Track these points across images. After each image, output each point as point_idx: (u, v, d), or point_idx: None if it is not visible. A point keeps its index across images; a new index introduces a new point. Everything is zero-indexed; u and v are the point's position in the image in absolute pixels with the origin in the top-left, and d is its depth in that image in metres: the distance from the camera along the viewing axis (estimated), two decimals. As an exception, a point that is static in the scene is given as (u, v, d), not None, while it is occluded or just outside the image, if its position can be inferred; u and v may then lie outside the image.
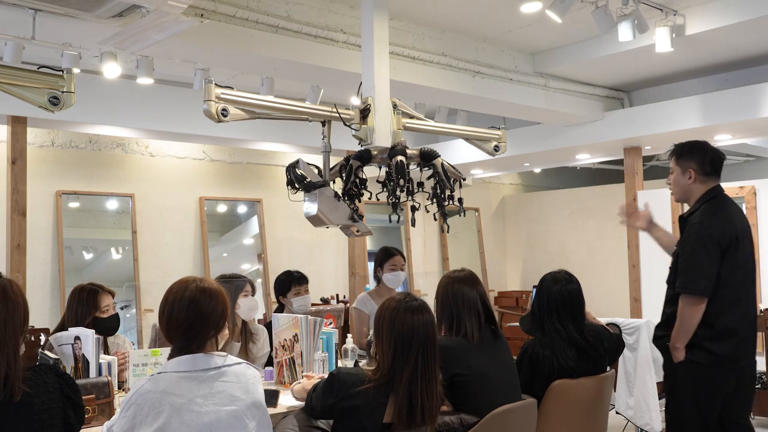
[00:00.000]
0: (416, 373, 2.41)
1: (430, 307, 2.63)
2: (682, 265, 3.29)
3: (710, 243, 3.25)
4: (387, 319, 2.49)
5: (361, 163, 3.78)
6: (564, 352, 3.22)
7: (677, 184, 3.47)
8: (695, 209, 3.39)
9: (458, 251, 9.76)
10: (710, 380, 3.33)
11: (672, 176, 3.49)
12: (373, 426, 2.38)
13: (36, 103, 3.24)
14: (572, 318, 3.30)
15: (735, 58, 6.01)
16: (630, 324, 5.25)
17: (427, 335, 2.47)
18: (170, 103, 6.33)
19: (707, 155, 3.42)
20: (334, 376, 2.44)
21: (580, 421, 3.30)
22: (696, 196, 3.41)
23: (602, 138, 6.93)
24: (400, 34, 5.18)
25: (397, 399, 2.38)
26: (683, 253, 3.30)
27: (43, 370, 2.08)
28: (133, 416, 2.09)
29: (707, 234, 3.27)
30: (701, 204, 3.39)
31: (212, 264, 7.44)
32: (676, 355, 3.30)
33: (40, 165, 6.48)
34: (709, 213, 3.33)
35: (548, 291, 3.35)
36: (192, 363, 2.18)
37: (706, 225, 3.29)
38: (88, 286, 3.69)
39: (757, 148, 8.08)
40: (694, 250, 3.27)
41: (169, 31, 4.10)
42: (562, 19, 4.53)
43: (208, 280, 2.31)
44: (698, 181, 3.40)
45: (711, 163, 3.40)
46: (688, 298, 3.24)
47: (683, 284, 3.26)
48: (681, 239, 3.40)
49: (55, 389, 2.06)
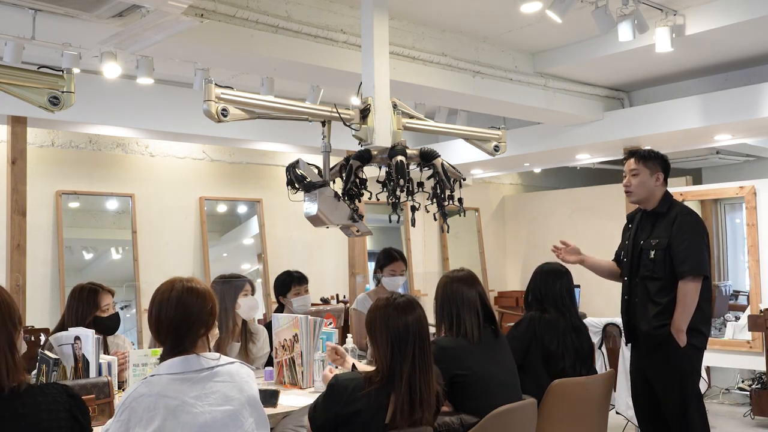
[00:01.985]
0: (414, 367, 2.43)
1: (425, 306, 2.65)
2: (685, 252, 3.53)
3: (703, 232, 3.63)
4: (380, 320, 2.51)
5: (361, 163, 3.78)
6: (564, 333, 3.35)
7: (644, 186, 3.74)
8: (666, 206, 3.71)
9: (458, 251, 9.75)
10: (699, 363, 3.64)
11: (636, 178, 3.75)
12: (377, 428, 2.38)
13: (36, 103, 3.24)
14: (573, 304, 3.55)
15: (735, 58, 6.01)
16: (630, 324, 5.25)
17: (420, 329, 2.50)
18: (170, 103, 6.33)
19: (668, 163, 3.82)
20: (334, 385, 2.44)
21: (580, 421, 3.31)
22: (658, 197, 3.75)
23: (602, 138, 6.93)
24: (400, 34, 5.18)
25: (399, 396, 2.39)
26: (684, 241, 3.55)
27: (57, 389, 2.01)
28: (128, 420, 2.08)
29: (700, 223, 3.67)
30: (670, 202, 3.75)
31: (212, 264, 7.44)
32: (681, 338, 3.48)
33: (40, 165, 6.48)
34: (688, 209, 3.73)
35: (552, 282, 3.50)
36: (184, 364, 2.18)
37: (695, 216, 3.70)
38: (88, 285, 3.70)
39: (757, 148, 8.07)
40: (693, 238, 3.57)
41: (169, 31, 4.09)
42: (562, 19, 4.53)
43: (195, 279, 2.31)
44: (662, 184, 3.76)
45: (668, 170, 3.82)
46: (695, 281, 3.50)
47: (692, 267, 3.50)
48: (674, 231, 3.61)
49: (65, 410, 1.98)
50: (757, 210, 6.33)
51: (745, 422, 5.97)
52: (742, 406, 6.49)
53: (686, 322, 3.49)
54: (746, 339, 6.28)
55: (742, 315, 6.60)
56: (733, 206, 8.00)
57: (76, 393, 2.06)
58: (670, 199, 3.77)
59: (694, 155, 8.62)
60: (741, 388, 6.77)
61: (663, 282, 3.59)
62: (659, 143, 7.10)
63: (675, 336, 3.48)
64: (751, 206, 6.35)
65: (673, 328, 3.50)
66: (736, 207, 7.76)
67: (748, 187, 6.39)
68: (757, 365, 6.19)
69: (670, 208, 3.70)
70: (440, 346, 2.95)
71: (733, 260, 8.17)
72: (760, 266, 6.25)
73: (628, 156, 3.90)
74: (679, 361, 3.52)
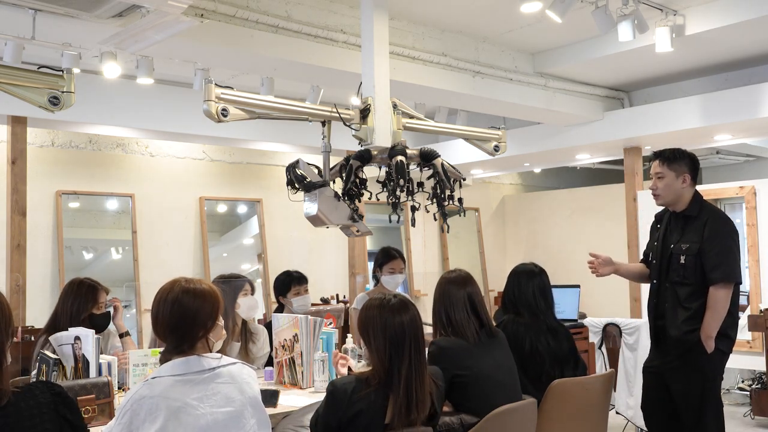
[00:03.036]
0: (411, 369, 2.42)
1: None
2: (717, 258, 3.45)
3: (736, 237, 3.53)
4: (375, 322, 2.49)
5: (361, 163, 3.78)
6: (538, 331, 3.30)
7: (670, 188, 3.62)
8: (697, 208, 3.58)
9: (458, 251, 9.75)
10: (723, 367, 3.55)
11: (662, 181, 3.62)
12: (376, 428, 2.38)
13: (36, 103, 3.24)
14: (547, 306, 3.45)
15: (735, 58, 6.01)
16: (630, 324, 5.26)
17: (415, 330, 2.49)
18: (170, 103, 6.32)
19: (695, 161, 3.67)
20: (333, 391, 2.43)
21: (580, 421, 3.31)
22: (687, 199, 3.62)
23: (602, 138, 6.93)
24: (400, 34, 5.18)
25: (397, 398, 2.39)
26: (715, 247, 3.47)
27: (38, 388, 1.91)
28: (129, 422, 2.08)
29: (731, 227, 3.54)
30: (700, 204, 3.61)
31: (212, 264, 7.43)
32: (710, 344, 3.42)
33: (40, 165, 6.48)
34: (719, 212, 3.62)
35: (524, 283, 3.45)
36: (186, 366, 2.17)
37: (727, 220, 3.57)
38: (87, 281, 3.71)
39: (757, 148, 8.08)
40: (726, 244, 3.49)
41: (169, 31, 4.09)
42: (562, 19, 4.53)
43: (198, 280, 2.29)
44: (690, 185, 3.62)
45: (697, 168, 3.67)
46: (728, 288, 3.44)
47: (725, 274, 3.43)
48: (706, 236, 3.51)
49: (51, 410, 1.89)
50: (757, 210, 6.32)
51: (745, 422, 5.97)
52: (742, 406, 6.49)
53: (716, 328, 3.42)
54: (746, 339, 6.28)
55: (742, 315, 6.60)
56: (733, 206, 7.99)
57: (62, 390, 1.96)
58: (700, 200, 3.63)
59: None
60: (741, 388, 6.77)
61: (693, 287, 3.50)
62: (659, 143, 7.10)
63: (703, 341, 3.42)
64: (751, 206, 6.35)
65: (703, 334, 3.43)
66: (736, 207, 7.75)
67: (748, 187, 6.39)
68: (757, 365, 6.19)
69: (701, 211, 3.58)
70: (439, 347, 2.95)
71: (733, 260, 8.16)
72: (760, 266, 6.25)
73: (653, 157, 3.73)
74: (703, 365, 3.46)
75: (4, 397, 1.84)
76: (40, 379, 3.02)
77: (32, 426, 1.85)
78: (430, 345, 2.98)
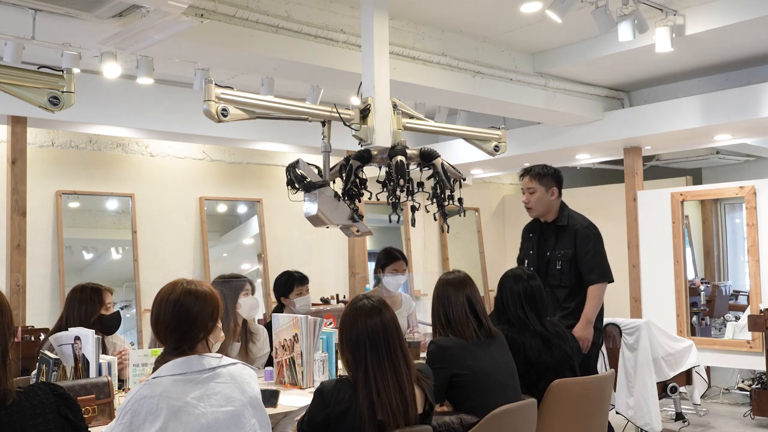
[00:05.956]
0: (371, 372, 2.37)
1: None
2: (593, 260, 3.98)
3: (602, 240, 4.07)
4: (341, 324, 2.50)
5: (361, 163, 3.78)
6: (529, 342, 3.25)
7: (541, 201, 4.11)
8: (566, 218, 4.10)
9: (458, 251, 9.75)
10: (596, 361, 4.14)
11: (534, 195, 4.10)
12: (365, 428, 2.36)
13: (36, 103, 3.24)
14: (535, 312, 3.35)
15: (735, 58, 6.01)
16: (630, 324, 5.26)
17: (375, 334, 2.42)
18: (170, 103, 6.33)
19: (560, 176, 4.16)
20: (320, 390, 2.42)
21: (580, 421, 3.31)
22: (556, 209, 4.14)
23: (602, 138, 6.93)
24: (400, 34, 5.18)
25: (360, 401, 2.36)
26: (588, 252, 4.00)
27: (41, 389, 1.92)
28: (130, 423, 2.08)
29: (599, 234, 4.09)
30: (568, 213, 4.14)
31: (212, 264, 7.44)
32: (589, 329, 3.93)
33: (40, 165, 6.48)
34: (585, 219, 4.15)
35: (510, 288, 3.38)
36: (186, 365, 2.17)
37: (594, 228, 4.10)
38: (89, 285, 3.70)
39: (757, 148, 8.07)
40: (598, 248, 4.03)
41: (169, 31, 4.10)
42: (562, 19, 4.53)
43: (199, 282, 2.29)
44: (558, 197, 4.13)
45: (562, 181, 4.17)
46: (604, 286, 3.98)
47: (601, 275, 3.99)
48: (578, 242, 4.01)
49: (53, 410, 1.90)
50: (757, 210, 6.33)
51: (745, 422, 5.97)
52: (742, 406, 6.49)
53: (594, 316, 3.95)
54: (746, 339, 6.28)
55: (742, 315, 6.60)
56: (733, 206, 8.01)
57: (64, 391, 1.97)
58: (567, 209, 4.16)
59: (694, 155, 8.62)
60: (741, 388, 6.77)
61: (569, 289, 3.99)
62: (659, 143, 7.11)
63: (583, 327, 3.90)
64: (751, 206, 6.35)
65: (583, 319, 3.90)
66: (736, 207, 7.76)
67: (748, 187, 6.39)
68: (757, 365, 6.19)
69: (569, 221, 4.09)
70: (439, 346, 2.96)
71: (733, 260, 8.18)
72: (760, 266, 6.25)
73: (523, 174, 4.19)
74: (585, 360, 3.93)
75: (9, 398, 1.84)
76: (40, 379, 3.02)
77: (35, 426, 1.86)
78: (430, 344, 2.99)
